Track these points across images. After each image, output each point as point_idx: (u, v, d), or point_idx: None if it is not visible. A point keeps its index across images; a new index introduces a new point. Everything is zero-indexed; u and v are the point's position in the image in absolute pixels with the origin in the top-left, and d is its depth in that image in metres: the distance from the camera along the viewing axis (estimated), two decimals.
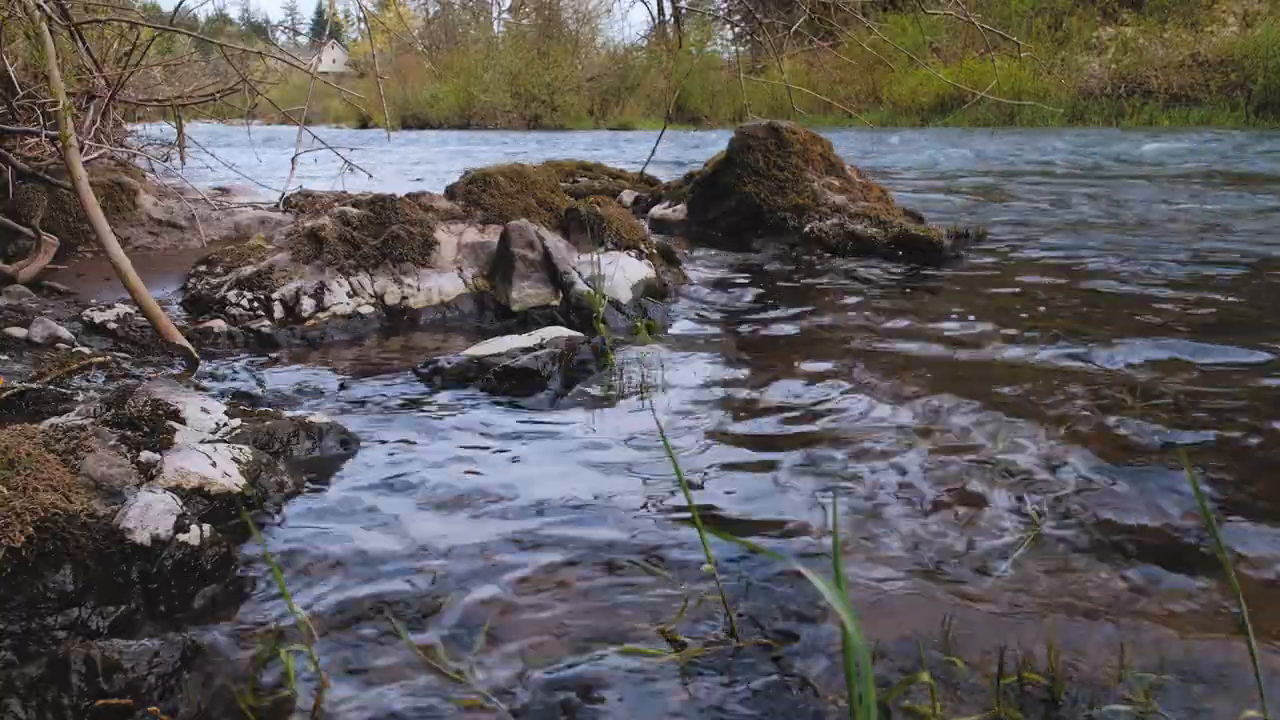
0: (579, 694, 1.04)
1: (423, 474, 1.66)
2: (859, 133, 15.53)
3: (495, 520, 1.48)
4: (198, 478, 1.46)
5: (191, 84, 5.91)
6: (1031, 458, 1.67)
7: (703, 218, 4.39)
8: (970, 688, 1.03)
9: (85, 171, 2.58)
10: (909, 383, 2.14)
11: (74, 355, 2.27)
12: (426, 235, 3.08)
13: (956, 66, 16.57)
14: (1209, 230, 4.56)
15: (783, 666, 1.08)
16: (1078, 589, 1.23)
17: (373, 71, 4.80)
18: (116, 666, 1.02)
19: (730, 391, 2.13)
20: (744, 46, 31.03)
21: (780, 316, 2.92)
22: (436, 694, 1.04)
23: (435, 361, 2.30)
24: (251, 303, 2.84)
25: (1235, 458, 1.65)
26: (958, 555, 1.33)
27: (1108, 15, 22.57)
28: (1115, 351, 2.34)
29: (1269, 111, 17.28)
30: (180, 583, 1.25)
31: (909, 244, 3.82)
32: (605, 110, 31.61)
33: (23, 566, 1.15)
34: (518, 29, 40.32)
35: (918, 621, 1.16)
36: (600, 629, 1.16)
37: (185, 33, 5.90)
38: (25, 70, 4.15)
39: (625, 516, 1.48)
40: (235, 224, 4.36)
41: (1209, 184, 6.88)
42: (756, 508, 1.51)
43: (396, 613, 1.21)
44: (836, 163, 4.36)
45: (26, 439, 1.34)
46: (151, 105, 5.47)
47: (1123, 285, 3.21)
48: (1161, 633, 1.13)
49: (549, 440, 1.84)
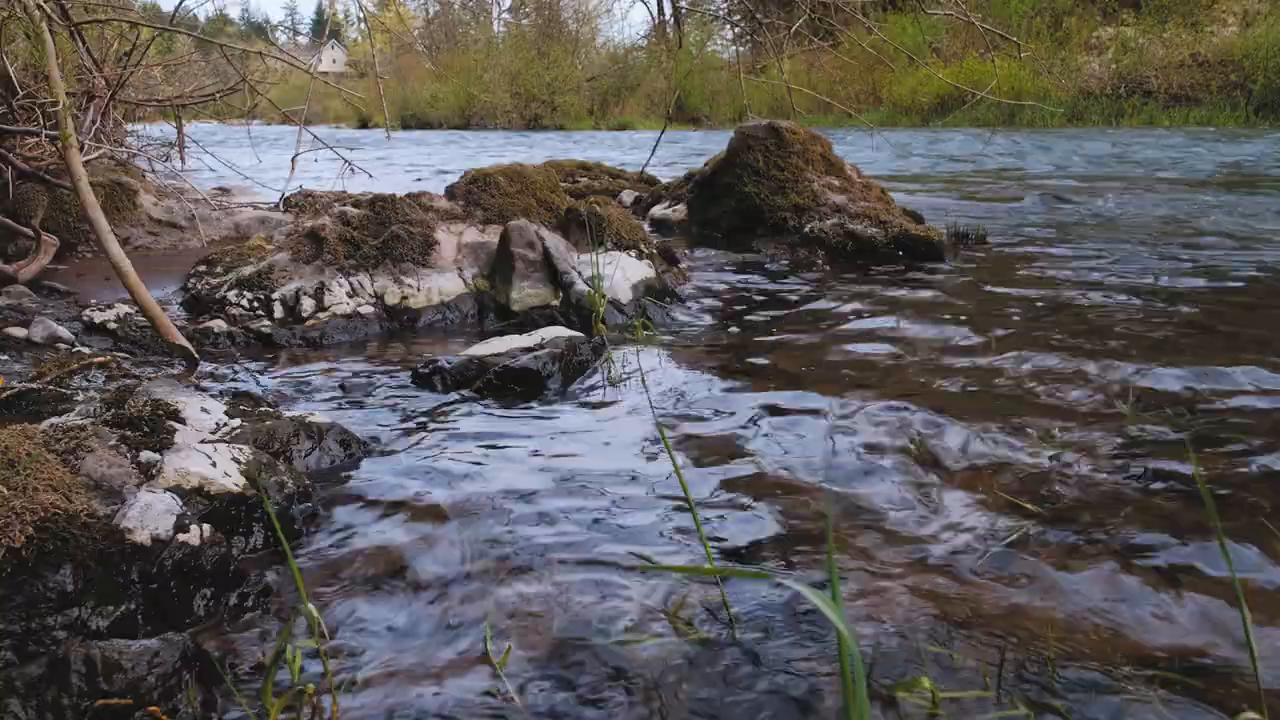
0: (580, 691, 1.04)
1: (423, 474, 1.66)
2: (926, 133, 15.53)
3: (496, 519, 1.48)
4: (198, 478, 1.46)
5: (191, 84, 5.91)
6: (1029, 457, 1.67)
7: (703, 218, 4.39)
8: (969, 684, 1.03)
9: (85, 171, 2.58)
10: (908, 382, 2.14)
11: (74, 355, 2.27)
12: (426, 235, 3.08)
13: (956, 66, 16.57)
14: (1225, 234, 4.56)
15: (783, 665, 1.08)
16: (1077, 587, 1.23)
17: (373, 71, 4.80)
18: (116, 666, 1.02)
19: (731, 392, 2.13)
20: (744, 46, 31.02)
21: (780, 316, 2.92)
22: (446, 690, 1.04)
23: (435, 361, 2.30)
24: (251, 303, 2.84)
25: (1236, 460, 1.65)
26: (957, 553, 1.33)
27: (1108, 15, 22.58)
28: (1115, 351, 2.34)
29: (1269, 111, 17.28)
30: (180, 583, 1.25)
31: (909, 244, 3.82)
32: (605, 110, 31.63)
33: (23, 566, 1.15)
34: (518, 29, 40.33)
35: (916, 619, 1.16)
36: (600, 628, 1.16)
37: (185, 33, 5.90)
38: (25, 70, 4.15)
39: (626, 516, 1.48)
40: (235, 224, 4.36)
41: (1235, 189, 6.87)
42: (757, 507, 1.51)
43: (397, 610, 1.21)
44: (836, 162, 4.36)
45: (26, 439, 1.34)
46: (151, 105, 5.47)
47: (1123, 286, 3.21)
48: (1161, 631, 1.13)
49: (549, 440, 1.83)
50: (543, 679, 1.07)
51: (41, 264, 3.28)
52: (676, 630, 1.16)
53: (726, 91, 25.74)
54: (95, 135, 4.32)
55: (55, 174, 3.73)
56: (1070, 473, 1.60)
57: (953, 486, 1.57)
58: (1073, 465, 1.64)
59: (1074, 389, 2.05)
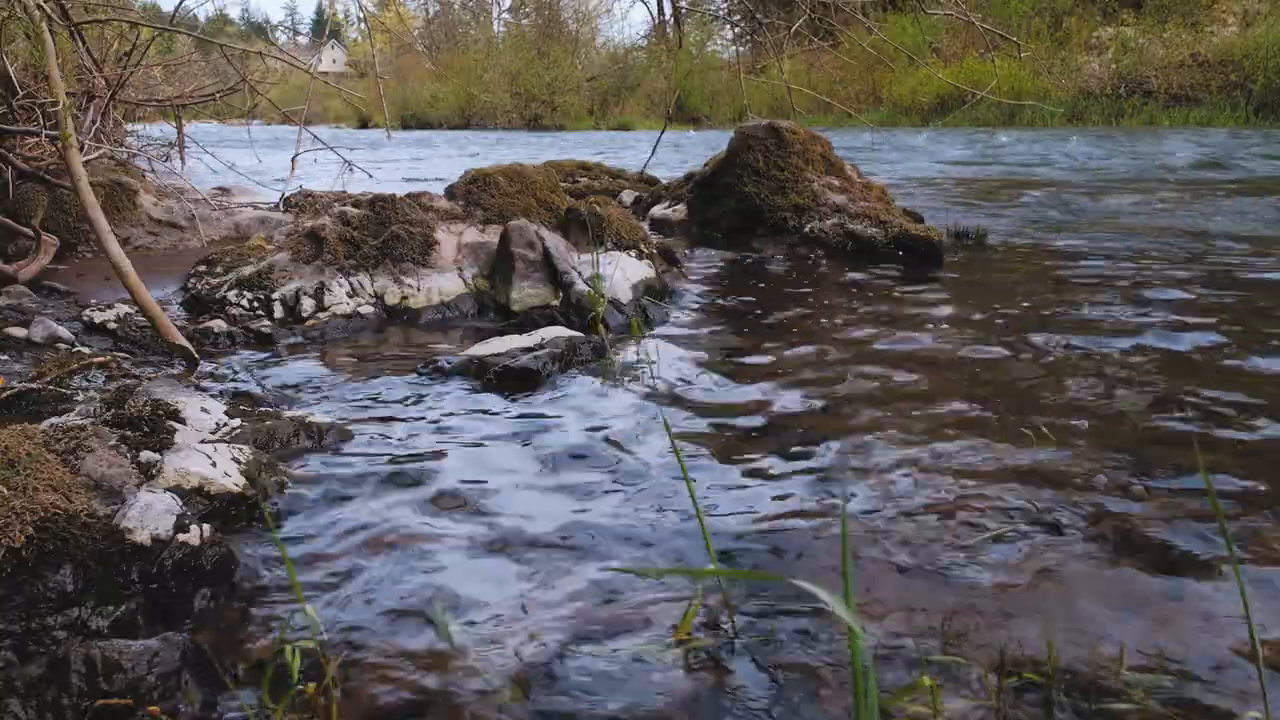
0: (582, 689, 1.04)
1: (423, 474, 1.66)
2: (939, 134, 15.53)
3: (496, 519, 1.47)
4: (198, 478, 1.46)
5: (191, 84, 5.90)
6: (1029, 456, 1.67)
7: (702, 218, 4.39)
8: (972, 685, 1.03)
9: (85, 171, 2.58)
10: (908, 382, 2.14)
11: (74, 355, 2.27)
12: (426, 235, 3.08)
13: (956, 66, 16.58)
14: (1227, 235, 4.56)
15: (784, 664, 1.08)
16: (1079, 586, 1.23)
17: (373, 71, 4.80)
18: (116, 666, 1.02)
19: (731, 392, 2.13)
20: (744, 46, 31.03)
21: (780, 316, 2.92)
22: (443, 687, 1.04)
23: (435, 361, 2.30)
24: (251, 303, 2.84)
25: (1236, 461, 1.65)
26: (958, 551, 1.33)
27: (1108, 15, 22.58)
28: (1116, 351, 2.34)
29: (1269, 111, 17.28)
30: (180, 583, 1.25)
31: (909, 244, 3.82)
32: (605, 110, 31.64)
33: (23, 566, 1.15)
34: (518, 29, 40.34)
35: (920, 617, 1.16)
36: (601, 627, 1.16)
37: (185, 33, 5.91)
38: (25, 70, 4.15)
39: (626, 517, 1.48)
40: (235, 224, 4.36)
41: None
42: (758, 508, 1.51)
43: (397, 609, 1.20)
44: (836, 162, 4.35)
45: (26, 439, 1.33)
46: (151, 105, 5.47)
47: (1123, 285, 3.21)
48: (1163, 631, 1.13)
49: (550, 441, 1.83)
50: (545, 671, 1.07)
51: (41, 264, 3.28)
52: (676, 628, 1.16)
53: (726, 91, 25.75)
54: (95, 135, 4.32)
55: (55, 174, 3.73)
56: (1070, 472, 1.60)
57: (953, 486, 1.57)
58: (1073, 465, 1.63)
59: (1075, 389, 2.05)
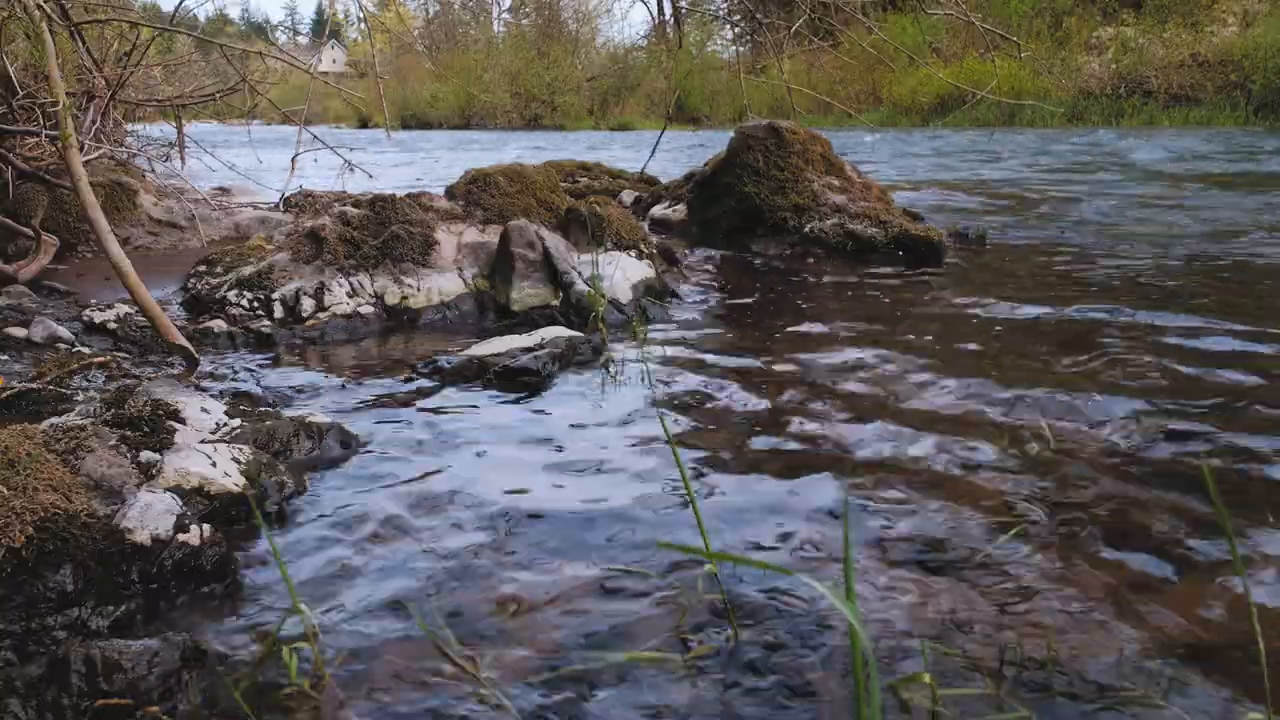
0: (582, 691, 1.04)
1: (423, 474, 1.66)
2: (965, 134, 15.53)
3: (496, 520, 1.48)
4: (198, 478, 1.46)
5: (191, 84, 5.90)
6: (1029, 456, 1.67)
7: (702, 218, 4.38)
8: (971, 678, 1.03)
9: (85, 171, 2.58)
10: (907, 381, 2.14)
11: (74, 355, 2.27)
12: (426, 235, 3.08)
13: (956, 66, 16.58)
14: (1229, 234, 4.56)
15: (784, 664, 1.08)
16: (1081, 580, 1.23)
17: (373, 71, 4.80)
18: (116, 666, 1.02)
19: (731, 392, 2.13)
20: (744, 46, 31.03)
21: (780, 316, 2.92)
22: (441, 690, 1.04)
23: (435, 361, 2.30)
24: (251, 303, 2.84)
25: (1236, 463, 1.65)
26: (959, 548, 1.33)
27: (1108, 15, 22.59)
28: (1116, 351, 2.34)
29: (1268, 111, 17.28)
30: (180, 583, 1.25)
31: (908, 244, 3.82)
32: (605, 110, 31.64)
33: (23, 566, 1.15)
34: (518, 29, 40.34)
35: (920, 612, 1.16)
36: (602, 627, 1.16)
37: (185, 33, 5.91)
38: (25, 70, 4.14)
39: (626, 517, 1.48)
40: (235, 224, 4.35)
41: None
42: (757, 507, 1.51)
43: (395, 608, 1.20)
44: (836, 162, 4.35)
45: (26, 439, 1.33)
46: (151, 105, 5.47)
47: (1123, 285, 3.21)
48: (1164, 626, 1.13)
49: (549, 441, 1.83)
50: (544, 675, 1.07)
51: (41, 264, 3.28)
52: (676, 629, 1.16)
53: (726, 91, 25.74)
54: (95, 135, 4.32)
55: (55, 174, 3.73)
56: (1070, 472, 1.60)
57: (952, 485, 1.57)
58: (1072, 464, 1.64)
59: (1075, 389, 2.05)
